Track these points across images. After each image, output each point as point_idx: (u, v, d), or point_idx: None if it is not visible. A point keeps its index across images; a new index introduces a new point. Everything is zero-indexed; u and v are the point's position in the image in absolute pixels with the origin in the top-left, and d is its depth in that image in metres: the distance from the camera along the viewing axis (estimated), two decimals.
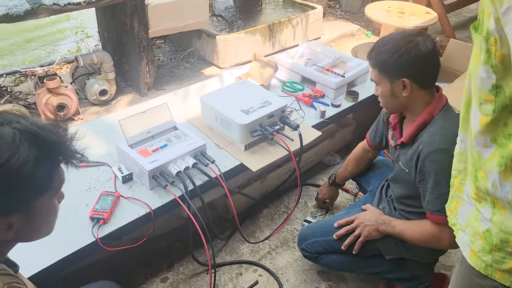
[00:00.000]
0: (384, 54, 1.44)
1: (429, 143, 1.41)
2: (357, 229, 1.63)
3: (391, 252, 1.63)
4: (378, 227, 1.59)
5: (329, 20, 4.92)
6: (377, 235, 1.60)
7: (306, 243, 1.77)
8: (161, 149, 1.79)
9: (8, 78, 3.54)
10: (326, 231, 1.72)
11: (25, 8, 2.46)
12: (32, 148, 0.82)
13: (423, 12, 3.84)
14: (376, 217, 1.62)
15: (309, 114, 2.27)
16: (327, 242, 1.71)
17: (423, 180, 1.44)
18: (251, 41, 3.77)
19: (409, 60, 1.40)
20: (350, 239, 1.64)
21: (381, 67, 1.47)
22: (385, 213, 1.68)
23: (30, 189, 0.84)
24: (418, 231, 1.50)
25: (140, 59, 3.13)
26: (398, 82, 1.44)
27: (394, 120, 1.64)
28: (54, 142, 0.87)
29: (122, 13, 3.05)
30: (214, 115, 2.03)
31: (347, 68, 2.56)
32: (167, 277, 1.95)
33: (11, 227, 0.86)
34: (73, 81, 3.22)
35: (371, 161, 2.02)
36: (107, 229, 1.57)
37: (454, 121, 1.42)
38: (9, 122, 0.83)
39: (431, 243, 1.50)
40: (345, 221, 1.69)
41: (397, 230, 1.55)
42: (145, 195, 1.72)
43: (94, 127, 2.16)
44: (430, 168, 1.40)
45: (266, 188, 2.38)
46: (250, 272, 1.99)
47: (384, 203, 1.76)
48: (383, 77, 1.47)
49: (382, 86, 1.50)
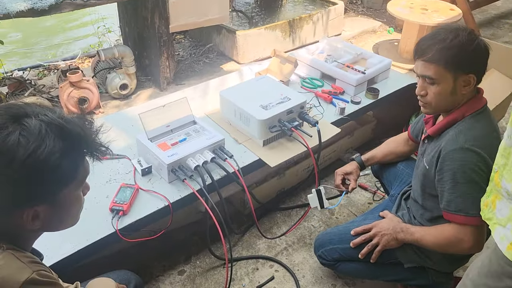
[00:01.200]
0: (454, 48, 1.33)
1: (452, 141, 1.37)
2: (374, 238, 1.58)
3: (411, 261, 1.59)
4: (397, 236, 1.53)
5: (350, 16, 4.86)
6: (395, 244, 1.54)
7: (323, 250, 1.73)
8: (180, 143, 1.80)
9: (32, 71, 3.61)
10: (343, 238, 1.67)
11: (50, 3, 2.51)
12: (58, 140, 0.84)
13: (447, 9, 3.76)
14: (394, 226, 1.56)
15: (328, 111, 2.25)
16: (344, 249, 1.66)
17: (442, 179, 1.39)
18: (271, 37, 3.76)
19: (479, 55, 1.35)
20: (368, 248, 1.59)
21: (447, 62, 1.34)
22: (404, 220, 1.62)
23: (56, 180, 0.86)
24: (437, 235, 1.44)
25: (160, 54, 3.15)
26: (463, 78, 1.36)
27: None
28: (79, 134, 0.89)
29: (143, 8, 3.07)
30: (233, 110, 2.04)
31: (368, 65, 2.53)
32: (184, 270, 1.97)
33: (37, 217, 0.88)
34: (95, 75, 3.26)
35: (406, 155, 1.90)
36: (126, 220, 1.59)
37: (484, 124, 1.39)
38: (36, 115, 0.85)
39: (451, 247, 1.42)
40: (362, 229, 1.63)
41: (416, 237, 1.49)
42: (164, 188, 1.73)
43: (114, 121, 2.19)
44: (450, 167, 1.36)
45: (283, 184, 2.37)
46: (266, 267, 2.00)
47: (404, 210, 1.70)
48: (447, 73, 1.35)
49: (442, 84, 1.37)
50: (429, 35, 1.42)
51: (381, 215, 1.68)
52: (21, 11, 2.43)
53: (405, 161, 1.92)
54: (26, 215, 0.86)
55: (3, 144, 0.79)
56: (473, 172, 1.32)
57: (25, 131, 0.81)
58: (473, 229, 1.35)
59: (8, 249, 0.86)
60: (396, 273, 1.65)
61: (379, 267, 1.64)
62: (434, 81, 1.38)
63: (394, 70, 2.71)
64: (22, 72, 3.56)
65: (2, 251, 0.85)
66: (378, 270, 1.66)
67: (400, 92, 2.52)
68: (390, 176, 1.94)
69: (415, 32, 3.71)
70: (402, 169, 1.90)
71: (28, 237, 0.94)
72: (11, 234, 0.89)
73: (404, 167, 1.90)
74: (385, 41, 4.32)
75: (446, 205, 1.39)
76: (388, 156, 1.91)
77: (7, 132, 0.80)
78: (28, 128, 0.81)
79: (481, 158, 1.31)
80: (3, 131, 0.80)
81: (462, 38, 1.33)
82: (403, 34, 3.91)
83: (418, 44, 1.42)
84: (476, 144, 1.33)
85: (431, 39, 1.38)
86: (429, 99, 1.42)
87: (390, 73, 2.62)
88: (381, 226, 1.58)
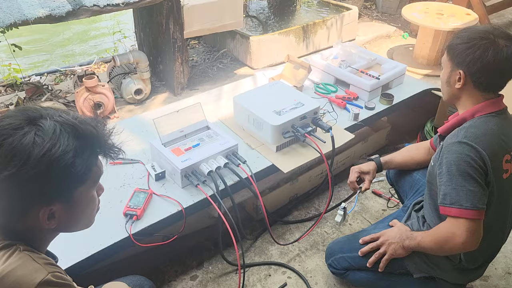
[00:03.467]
0: (457, 39, 1.41)
1: (452, 136, 1.39)
2: (382, 246, 1.56)
3: (419, 270, 1.56)
4: (403, 244, 1.51)
5: (364, 21, 4.84)
6: (403, 253, 1.52)
7: (333, 259, 1.72)
8: (193, 148, 1.81)
9: (49, 76, 3.67)
10: (353, 247, 1.66)
11: (67, 9, 2.55)
12: (72, 139, 0.86)
13: (463, 14, 3.72)
14: (401, 234, 1.54)
15: (342, 117, 2.24)
16: (353, 258, 1.65)
17: (440, 173, 1.38)
18: (284, 42, 3.76)
19: (474, 56, 1.35)
20: (375, 257, 1.57)
21: (449, 50, 1.43)
22: (413, 229, 1.59)
23: (70, 178, 0.87)
24: (434, 234, 1.42)
25: (174, 59, 3.18)
26: (455, 72, 1.41)
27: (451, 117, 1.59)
28: (92, 134, 0.91)
29: (158, 14, 3.11)
30: (246, 116, 2.04)
31: (382, 70, 2.51)
32: (197, 275, 1.97)
33: (53, 216, 0.89)
34: (110, 80, 3.30)
35: (425, 164, 1.80)
36: (140, 225, 1.60)
37: (492, 126, 1.37)
38: (51, 116, 0.87)
39: (446, 243, 1.36)
40: (370, 238, 1.62)
41: (418, 240, 1.47)
42: (177, 193, 1.74)
43: (129, 125, 2.21)
44: (447, 160, 1.35)
45: (296, 190, 2.36)
46: (279, 273, 1.98)
47: (413, 219, 1.67)
48: (447, 61, 1.44)
49: (443, 70, 1.47)
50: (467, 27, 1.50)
51: (390, 225, 1.66)
52: (39, 17, 2.48)
53: (421, 171, 1.86)
54: (42, 214, 0.87)
55: (19, 144, 0.81)
56: (468, 164, 1.31)
57: (40, 131, 0.83)
58: (467, 222, 1.31)
59: (24, 250, 0.88)
60: (406, 284, 1.61)
61: (388, 276, 1.61)
62: (442, 67, 1.48)
63: (409, 76, 2.68)
64: (40, 77, 3.62)
65: (19, 252, 0.87)
66: (387, 280, 1.63)
67: (415, 97, 2.49)
68: (405, 185, 1.90)
69: (430, 37, 3.68)
70: (419, 179, 1.85)
71: (43, 238, 0.96)
72: (27, 235, 0.91)
73: (421, 177, 1.85)
74: (400, 46, 4.28)
75: (442, 198, 1.37)
76: (408, 162, 1.86)
77: (23, 133, 0.83)
78: (43, 128, 0.84)
79: (477, 153, 1.31)
80: (19, 131, 0.83)
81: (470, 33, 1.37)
82: (418, 39, 3.87)
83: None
84: (474, 140, 1.33)
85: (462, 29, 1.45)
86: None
87: (405, 78, 2.60)
88: (389, 235, 1.57)
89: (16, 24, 2.44)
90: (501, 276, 1.95)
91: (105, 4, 2.68)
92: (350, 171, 1.81)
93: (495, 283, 1.92)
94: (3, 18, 2.37)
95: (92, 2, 2.65)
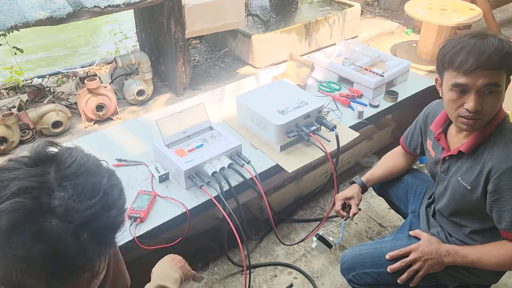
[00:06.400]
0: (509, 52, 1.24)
1: (505, 159, 1.28)
2: (416, 263, 1.45)
3: (456, 281, 1.50)
4: (443, 260, 1.42)
5: (367, 18, 4.81)
6: (440, 268, 1.44)
7: (354, 274, 1.58)
8: (197, 149, 1.79)
9: (51, 78, 3.66)
10: (377, 262, 1.54)
11: (68, 11, 2.53)
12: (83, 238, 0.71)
13: (466, 9, 3.68)
14: (437, 248, 1.44)
15: (346, 115, 2.22)
16: (380, 274, 1.53)
17: (500, 199, 1.29)
18: (287, 41, 3.74)
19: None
20: (408, 274, 1.46)
21: (508, 66, 1.26)
22: (442, 239, 1.51)
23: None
24: (500, 256, 1.34)
25: (176, 59, 3.16)
26: (508, 80, 1.30)
27: (437, 129, 1.49)
28: None
29: (159, 14, 3.09)
30: (249, 115, 2.02)
31: (386, 67, 2.49)
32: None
33: None
34: (112, 82, 3.29)
35: (407, 169, 1.82)
36: (144, 228, 1.59)
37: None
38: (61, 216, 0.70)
39: None
40: (399, 254, 1.50)
41: (471, 259, 1.38)
42: (181, 194, 1.73)
43: (131, 127, 2.20)
44: (510, 186, 1.27)
45: (301, 189, 2.34)
46: (285, 274, 1.97)
47: (437, 227, 1.59)
48: (504, 77, 1.27)
49: (501, 89, 1.27)
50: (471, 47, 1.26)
51: (413, 235, 1.57)
52: (40, 19, 2.46)
53: (410, 173, 1.82)
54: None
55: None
56: None
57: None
58: None
59: None
60: None
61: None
62: (496, 89, 1.26)
63: (413, 72, 2.66)
64: (42, 80, 3.62)
65: None
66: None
67: (420, 94, 2.46)
68: (399, 192, 1.82)
69: (434, 33, 3.65)
70: (411, 181, 1.79)
71: None
72: None
73: (412, 179, 1.80)
74: (403, 43, 4.25)
75: (510, 225, 1.30)
76: (390, 173, 1.81)
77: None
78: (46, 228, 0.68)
79: None
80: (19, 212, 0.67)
81: (505, 42, 1.25)
82: (421, 35, 3.84)
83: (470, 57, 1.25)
84: None
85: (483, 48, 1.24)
86: (485, 111, 1.29)
87: (409, 75, 2.57)
88: (422, 251, 1.45)
89: (17, 26, 2.43)
90: (510, 274, 1.93)
91: (106, 5, 2.66)
92: (335, 199, 1.78)
93: (504, 281, 1.90)
94: (3, 21, 2.36)
95: (92, 3, 2.64)
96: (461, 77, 1.25)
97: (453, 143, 1.45)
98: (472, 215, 1.42)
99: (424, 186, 1.77)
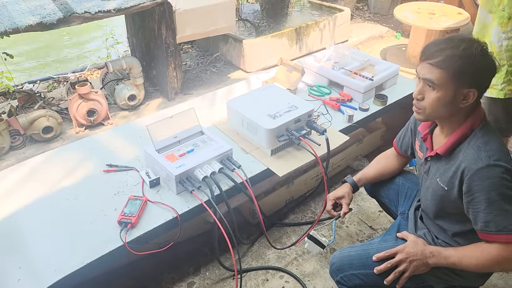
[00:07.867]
0: (464, 58, 1.26)
1: (476, 160, 1.29)
2: (401, 264, 1.46)
3: (441, 282, 1.52)
4: (427, 261, 1.43)
5: (357, 22, 4.85)
6: (425, 269, 1.45)
7: (342, 276, 1.58)
8: (187, 154, 1.80)
9: (42, 84, 3.65)
10: (365, 263, 1.54)
11: (58, 17, 2.53)
12: None
13: (454, 13, 3.73)
14: (422, 250, 1.45)
15: (336, 119, 2.24)
16: (367, 275, 1.54)
17: (473, 200, 1.31)
18: (277, 45, 3.76)
19: (486, 71, 1.29)
20: (394, 275, 1.47)
21: (455, 71, 1.27)
22: (428, 241, 1.53)
23: None
24: (479, 257, 1.35)
25: (167, 64, 3.17)
26: (464, 91, 1.29)
27: (424, 130, 1.52)
28: None
29: (150, 19, 3.10)
30: (240, 120, 2.03)
31: (375, 71, 2.51)
32: (194, 282, 1.96)
33: None
34: (103, 87, 3.29)
35: (399, 170, 1.84)
36: (135, 233, 1.58)
37: (495, 136, 1.35)
38: None
39: (498, 266, 1.36)
40: (385, 255, 1.50)
41: (452, 261, 1.39)
42: (172, 199, 1.73)
43: (123, 132, 2.20)
44: (480, 186, 1.28)
45: (292, 193, 2.35)
46: (276, 278, 1.97)
47: (423, 229, 1.60)
48: (450, 82, 1.28)
49: (442, 91, 1.30)
50: (441, 39, 1.35)
51: (400, 237, 1.57)
52: (30, 25, 2.46)
53: (401, 175, 1.83)
54: None
55: None
56: (506, 187, 1.27)
57: None
58: None
59: None
60: None
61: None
62: (435, 87, 1.31)
63: (402, 76, 2.69)
64: (32, 85, 3.60)
65: None
66: None
67: (409, 97, 2.47)
68: (391, 194, 1.83)
69: (422, 37, 3.69)
70: (403, 183, 1.81)
71: None
72: None
73: (404, 181, 1.81)
74: (393, 47, 4.30)
75: (484, 226, 1.31)
76: (381, 173, 1.82)
77: None
78: None
79: (508, 171, 1.27)
80: None
81: (475, 50, 1.27)
82: (410, 39, 3.89)
83: (428, 46, 1.35)
84: (499, 158, 1.28)
85: (443, 43, 1.31)
86: (425, 104, 1.36)
87: (398, 79, 2.60)
88: (408, 252, 1.46)
89: (7, 32, 2.42)
90: (499, 275, 1.95)
91: (96, 10, 2.67)
92: (326, 199, 1.77)
93: (494, 282, 1.92)
94: None
95: (83, 9, 2.64)
96: (418, 65, 1.38)
97: (436, 144, 1.48)
98: (454, 216, 1.44)
99: (415, 188, 1.78)
